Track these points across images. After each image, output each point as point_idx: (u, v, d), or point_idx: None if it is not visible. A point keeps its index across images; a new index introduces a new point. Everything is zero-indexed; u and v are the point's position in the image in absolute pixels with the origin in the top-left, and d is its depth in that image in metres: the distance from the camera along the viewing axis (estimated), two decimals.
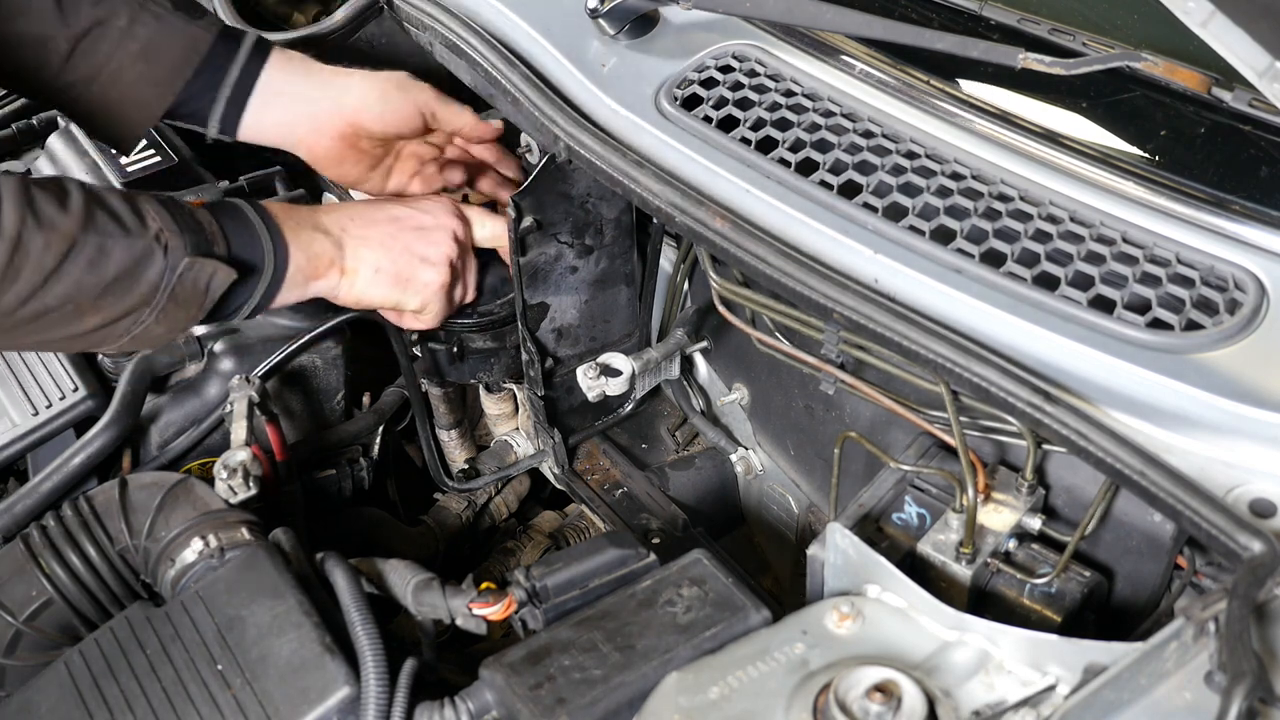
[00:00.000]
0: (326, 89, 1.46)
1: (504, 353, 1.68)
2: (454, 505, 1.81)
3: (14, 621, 1.18)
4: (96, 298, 1.13)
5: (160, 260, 1.14)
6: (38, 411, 1.44)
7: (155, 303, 1.16)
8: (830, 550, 1.06)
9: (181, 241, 1.16)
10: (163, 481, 1.27)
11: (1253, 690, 0.80)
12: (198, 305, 1.20)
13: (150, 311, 1.16)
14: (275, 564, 1.12)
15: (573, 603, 1.11)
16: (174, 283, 1.16)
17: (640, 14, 1.48)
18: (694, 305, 1.68)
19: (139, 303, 1.15)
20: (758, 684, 0.95)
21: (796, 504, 1.61)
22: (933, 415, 1.23)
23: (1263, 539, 0.90)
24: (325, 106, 1.45)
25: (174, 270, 1.15)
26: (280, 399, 1.57)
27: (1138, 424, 1.03)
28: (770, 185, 1.26)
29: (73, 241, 1.09)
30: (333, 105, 1.45)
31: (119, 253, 1.12)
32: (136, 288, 1.14)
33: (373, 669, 1.01)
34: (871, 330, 1.10)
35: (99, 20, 1.35)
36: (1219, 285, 1.10)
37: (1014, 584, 1.14)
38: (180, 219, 1.18)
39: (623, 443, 1.79)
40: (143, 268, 1.14)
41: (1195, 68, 1.24)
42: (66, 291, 1.10)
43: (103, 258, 1.11)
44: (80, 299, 1.12)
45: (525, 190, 1.44)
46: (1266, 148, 1.21)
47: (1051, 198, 1.20)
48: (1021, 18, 1.36)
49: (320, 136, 1.46)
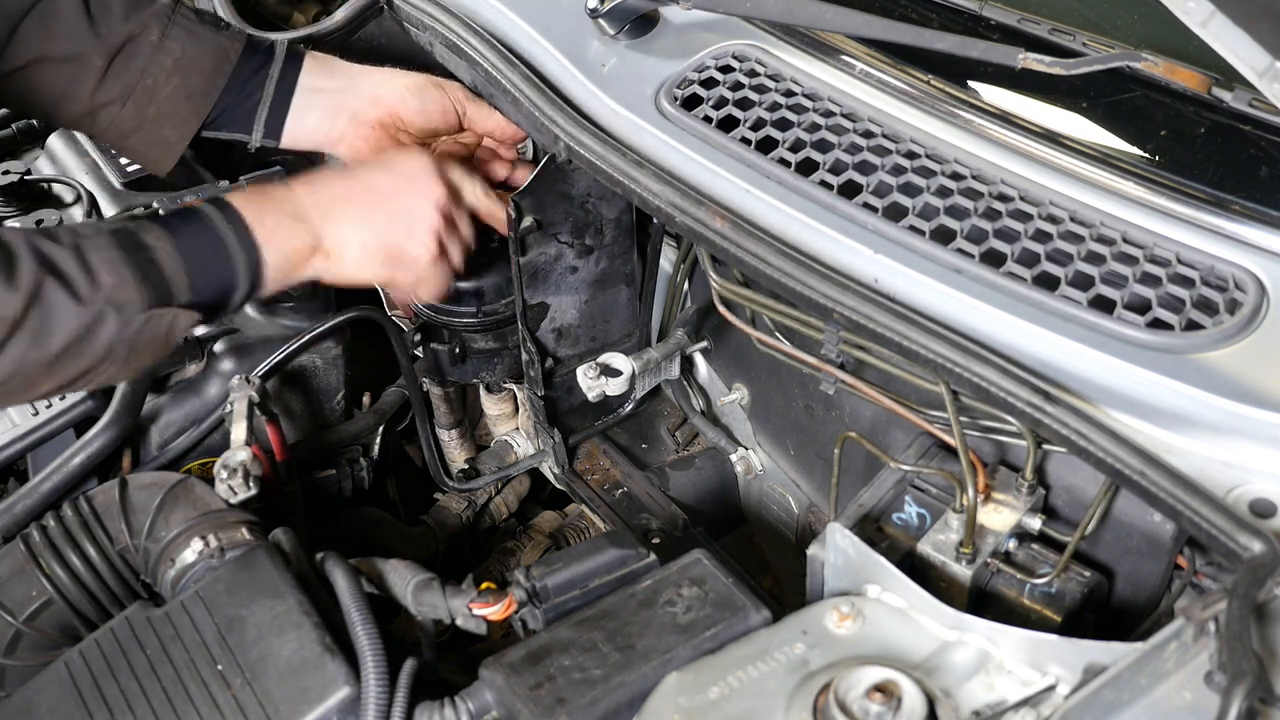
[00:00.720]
0: (363, 84, 1.46)
1: (506, 353, 1.68)
2: (454, 505, 1.81)
3: (14, 621, 1.18)
4: (46, 367, 1.10)
5: (113, 322, 1.11)
6: (38, 411, 1.44)
7: (113, 358, 1.13)
8: (830, 550, 1.06)
9: (138, 295, 1.12)
10: (163, 481, 1.27)
11: (1253, 690, 0.80)
12: (162, 348, 1.17)
13: (108, 365, 1.14)
14: (275, 564, 1.12)
15: (573, 603, 1.11)
16: (130, 337, 1.13)
17: (640, 14, 1.48)
18: (694, 305, 1.68)
19: (94, 363, 1.12)
20: (758, 684, 0.95)
21: (796, 504, 1.61)
22: (933, 415, 1.23)
23: (1263, 539, 0.90)
24: (365, 102, 1.45)
25: (128, 326, 1.12)
26: (280, 399, 1.57)
27: (1138, 424, 1.03)
28: (770, 185, 1.26)
29: (15, 324, 1.06)
30: (371, 99, 1.45)
31: (66, 324, 1.08)
32: (89, 351, 1.11)
33: (373, 669, 1.01)
34: (871, 330, 1.10)
35: (132, 35, 1.34)
36: (1219, 285, 1.10)
37: (1014, 584, 1.14)
38: (138, 267, 1.13)
39: (623, 443, 1.79)
40: (93, 334, 1.10)
41: (1195, 68, 1.24)
42: (9, 370, 1.07)
43: (47, 334, 1.08)
44: (29, 374, 1.09)
45: (525, 190, 1.44)
46: (1266, 148, 1.21)
47: (1051, 198, 1.20)
48: (1021, 18, 1.36)
49: (361, 128, 1.45)
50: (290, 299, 1.57)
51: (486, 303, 1.64)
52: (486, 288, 1.64)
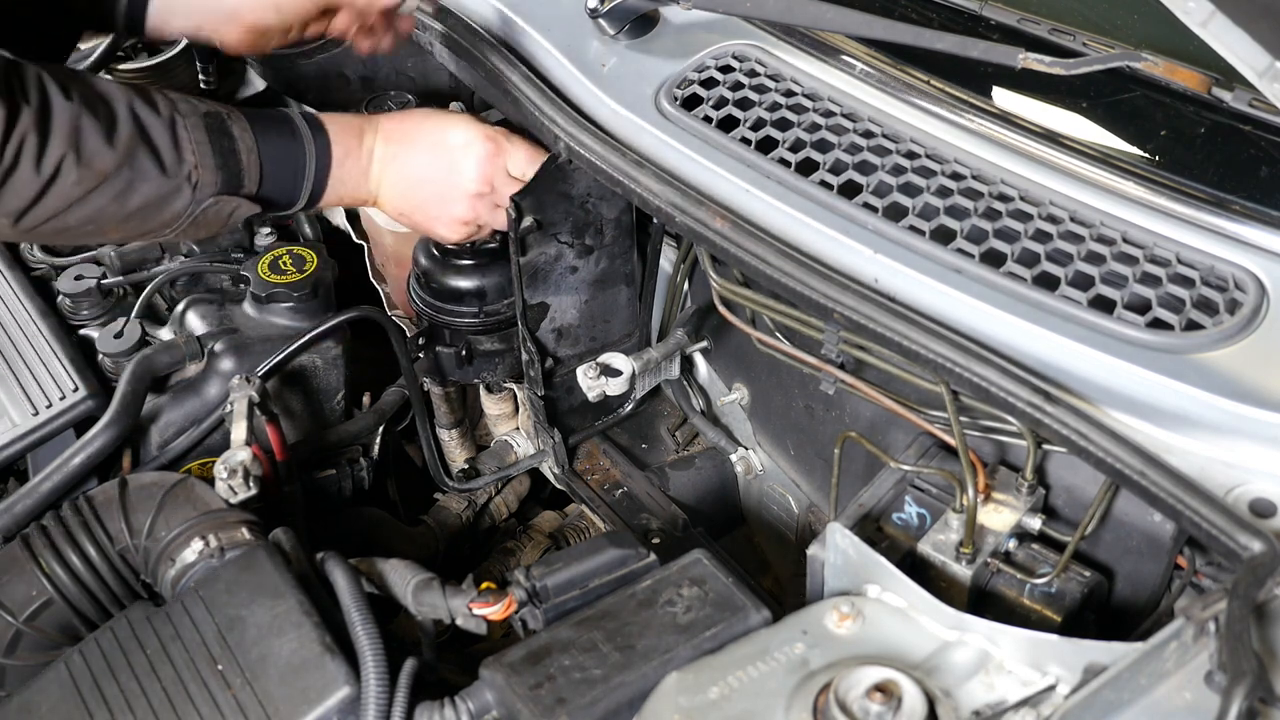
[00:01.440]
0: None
1: (509, 353, 1.69)
2: (454, 505, 1.81)
3: (14, 621, 1.18)
4: (119, 223, 1.19)
5: (187, 196, 1.20)
6: (38, 411, 1.44)
7: (176, 227, 1.22)
8: (830, 550, 1.06)
9: (214, 178, 1.21)
10: (163, 481, 1.27)
11: (1253, 690, 0.80)
12: (219, 227, 1.27)
13: (170, 232, 1.23)
14: (275, 564, 1.12)
15: (573, 603, 1.11)
16: (196, 214, 1.22)
17: (640, 14, 1.48)
18: (694, 305, 1.68)
19: (159, 227, 1.22)
20: (758, 684, 0.94)
21: (796, 504, 1.61)
22: (933, 415, 1.23)
23: (1263, 539, 0.90)
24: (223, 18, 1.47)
25: (199, 204, 1.21)
26: (280, 399, 1.57)
27: (1138, 424, 1.03)
28: (770, 185, 1.26)
29: (104, 178, 1.14)
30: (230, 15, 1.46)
31: (147, 188, 1.17)
32: (159, 217, 1.20)
33: (373, 669, 1.01)
34: (871, 330, 1.10)
35: None
36: (1219, 285, 1.10)
37: (1014, 584, 1.14)
38: (220, 153, 1.22)
39: (623, 443, 1.79)
40: (168, 202, 1.20)
41: (1195, 68, 1.24)
42: (88, 215, 1.16)
43: (130, 192, 1.17)
44: (102, 223, 1.18)
45: (525, 190, 1.43)
46: (1266, 148, 1.21)
47: (1051, 198, 1.20)
48: (1021, 18, 1.36)
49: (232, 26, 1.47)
50: (290, 299, 1.57)
51: (488, 303, 1.64)
52: (487, 288, 1.64)
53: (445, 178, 1.40)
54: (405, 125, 1.40)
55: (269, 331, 1.56)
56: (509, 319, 1.65)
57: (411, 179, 1.39)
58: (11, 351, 1.53)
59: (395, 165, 1.38)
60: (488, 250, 1.63)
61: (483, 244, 1.62)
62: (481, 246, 1.63)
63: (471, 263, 1.63)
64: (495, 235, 1.62)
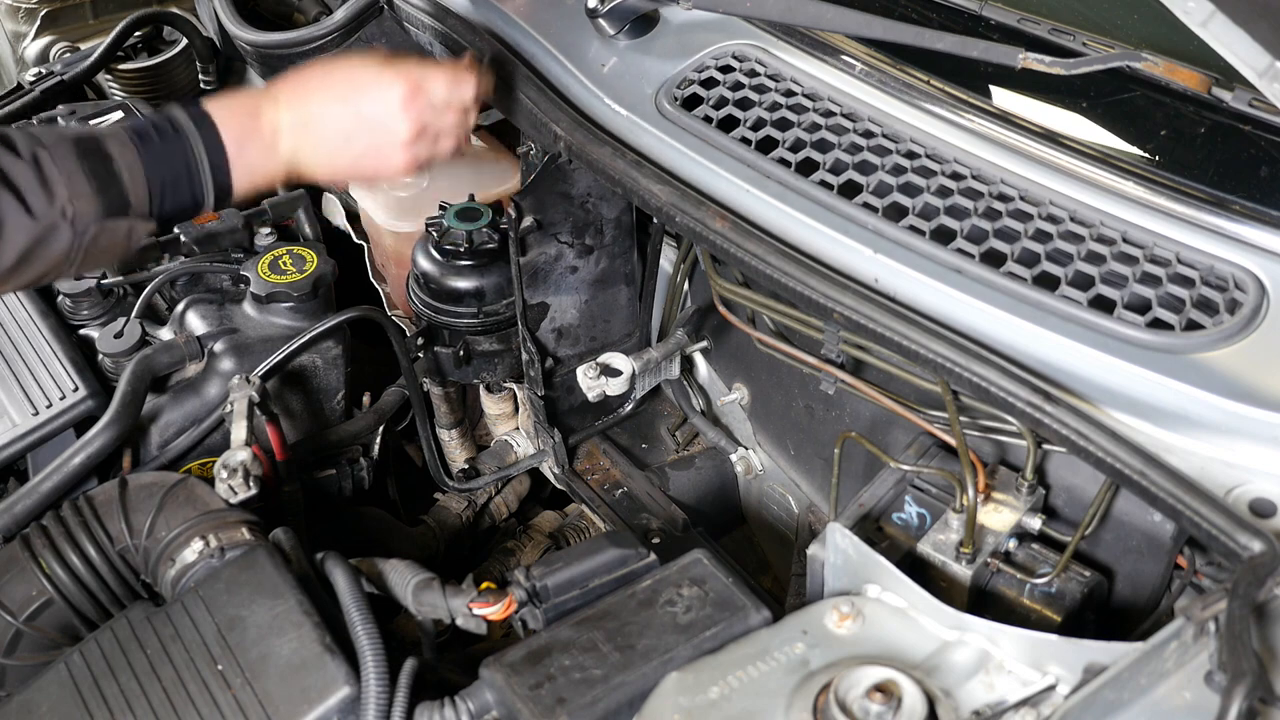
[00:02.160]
0: None
1: (508, 354, 1.69)
2: (454, 505, 1.81)
3: (14, 621, 1.18)
4: (4, 279, 1.12)
5: (66, 233, 1.12)
6: (38, 411, 1.44)
7: (71, 261, 1.15)
8: (830, 550, 1.06)
9: (93, 205, 1.13)
10: (163, 481, 1.27)
11: (1253, 690, 0.80)
12: (121, 252, 1.19)
13: (69, 267, 1.16)
14: (275, 564, 1.12)
15: (573, 603, 1.11)
16: (87, 245, 1.14)
17: (640, 14, 1.48)
18: (694, 305, 1.68)
19: (48, 269, 1.14)
20: (758, 684, 0.94)
21: (796, 504, 1.61)
22: (933, 415, 1.23)
23: (1263, 539, 0.90)
24: None
25: (83, 235, 1.13)
26: (280, 399, 1.57)
27: (1138, 424, 1.03)
28: (770, 185, 1.26)
29: None
30: None
31: (19, 237, 1.10)
32: (43, 258, 1.13)
33: (373, 669, 1.01)
34: (871, 330, 1.10)
35: None
36: (1219, 285, 1.10)
37: (1014, 584, 1.14)
38: (97, 178, 1.14)
39: (623, 443, 1.79)
40: (46, 244, 1.12)
41: (1195, 68, 1.24)
42: None
43: (1, 243, 1.09)
44: None
45: (525, 190, 1.44)
46: (1266, 148, 1.20)
47: (1051, 198, 1.20)
48: (1021, 18, 1.36)
49: None
50: (290, 299, 1.57)
51: (487, 303, 1.64)
52: (486, 288, 1.64)
53: (370, 132, 1.30)
54: (307, 87, 1.30)
55: (269, 331, 1.56)
56: (508, 319, 1.65)
57: (333, 141, 1.30)
58: (11, 351, 1.53)
59: (310, 133, 1.28)
60: (487, 250, 1.63)
61: (482, 244, 1.62)
62: (481, 246, 1.63)
63: (470, 263, 1.63)
64: (494, 235, 1.62)
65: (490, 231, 1.63)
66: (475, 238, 1.62)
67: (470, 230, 1.62)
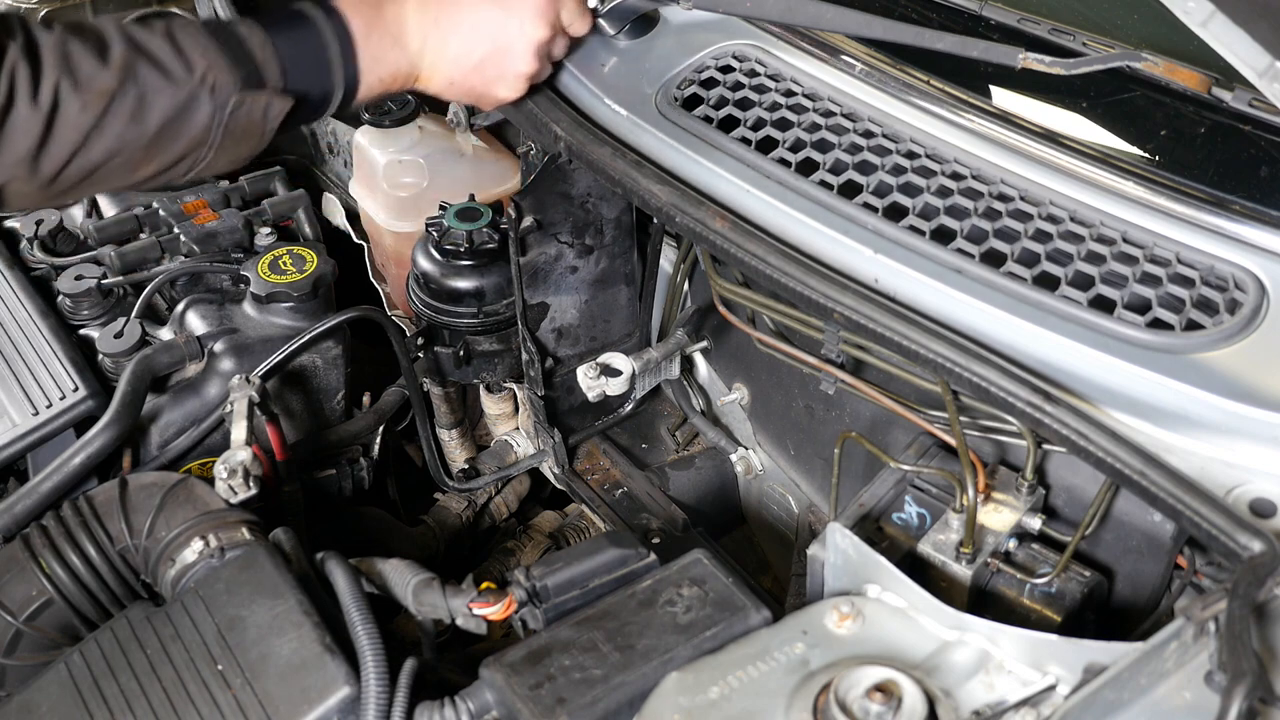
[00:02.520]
0: None
1: (508, 354, 1.69)
2: (454, 505, 1.81)
3: (14, 621, 1.18)
4: (145, 148, 1.12)
5: (207, 103, 1.13)
6: (38, 411, 1.44)
7: (210, 141, 1.15)
8: (830, 550, 1.06)
9: (231, 78, 1.13)
10: (163, 481, 1.27)
11: (1253, 690, 0.80)
12: (259, 135, 1.19)
13: (208, 150, 1.16)
14: (275, 564, 1.12)
15: (573, 603, 1.11)
16: (226, 120, 1.14)
17: (640, 14, 1.48)
18: (694, 305, 1.68)
19: (192, 145, 1.14)
20: (758, 684, 0.94)
21: (796, 504, 1.61)
22: (933, 415, 1.23)
23: (1263, 539, 0.90)
24: None
25: (224, 109, 1.14)
26: (280, 399, 1.57)
27: (1138, 424, 1.03)
28: (770, 185, 1.26)
29: (110, 97, 1.08)
30: None
31: (162, 102, 1.10)
32: (186, 133, 1.13)
33: (373, 669, 1.01)
34: (871, 330, 1.10)
35: None
36: (1219, 285, 1.10)
37: (1014, 584, 1.14)
38: (230, 51, 1.14)
39: (623, 443, 1.79)
40: (189, 113, 1.12)
41: (1195, 68, 1.24)
42: (110, 147, 1.09)
43: (144, 110, 1.10)
44: (127, 152, 1.11)
45: (525, 190, 1.44)
46: (1266, 148, 1.21)
47: (1051, 198, 1.20)
48: (1021, 18, 1.36)
49: None
50: (290, 299, 1.57)
51: (487, 303, 1.64)
52: (486, 288, 1.64)
53: (502, 30, 1.29)
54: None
55: (269, 331, 1.56)
56: (508, 319, 1.65)
57: (463, 40, 1.28)
58: (11, 351, 1.53)
59: (439, 29, 1.27)
60: (487, 250, 1.63)
61: (482, 244, 1.63)
62: (481, 246, 1.63)
63: (470, 263, 1.64)
64: (494, 235, 1.63)
65: (490, 231, 1.63)
66: (475, 238, 1.63)
67: (470, 230, 1.63)
